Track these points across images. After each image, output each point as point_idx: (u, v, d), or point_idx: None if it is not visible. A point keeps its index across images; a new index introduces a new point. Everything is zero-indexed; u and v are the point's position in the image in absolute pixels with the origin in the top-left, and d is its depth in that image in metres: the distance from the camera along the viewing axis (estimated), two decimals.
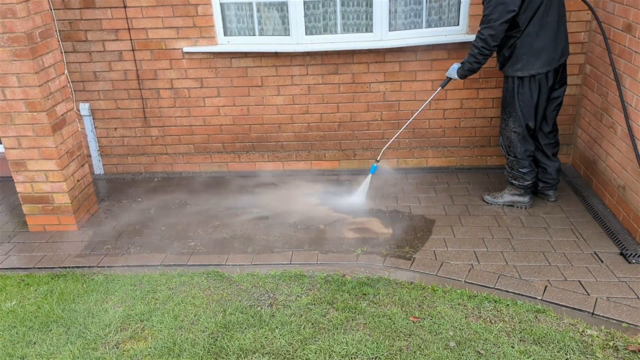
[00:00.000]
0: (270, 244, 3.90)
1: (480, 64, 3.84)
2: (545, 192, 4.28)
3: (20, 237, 4.22)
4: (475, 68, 3.88)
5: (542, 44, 3.71)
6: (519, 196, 4.20)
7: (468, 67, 3.88)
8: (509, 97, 3.95)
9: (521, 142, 4.01)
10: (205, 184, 4.98)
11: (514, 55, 3.79)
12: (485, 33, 3.70)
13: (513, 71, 3.84)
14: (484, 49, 3.75)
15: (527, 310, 3.08)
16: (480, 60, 3.81)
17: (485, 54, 3.78)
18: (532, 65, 3.76)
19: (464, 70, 3.92)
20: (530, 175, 4.10)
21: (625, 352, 2.75)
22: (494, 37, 3.69)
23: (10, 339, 3.08)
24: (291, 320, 3.09)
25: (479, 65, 3.86)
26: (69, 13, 4.69)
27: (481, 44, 3.74)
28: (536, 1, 3.62)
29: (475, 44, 3.78)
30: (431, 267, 3.55)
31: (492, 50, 3.76)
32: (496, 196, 4.30)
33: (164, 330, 3.06)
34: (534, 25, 3.68)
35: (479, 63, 3.84)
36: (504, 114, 4.04)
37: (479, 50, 3.77)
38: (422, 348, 2.83)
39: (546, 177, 4.21)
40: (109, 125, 5.11)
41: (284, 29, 4.71)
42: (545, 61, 3.75)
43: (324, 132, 5.00)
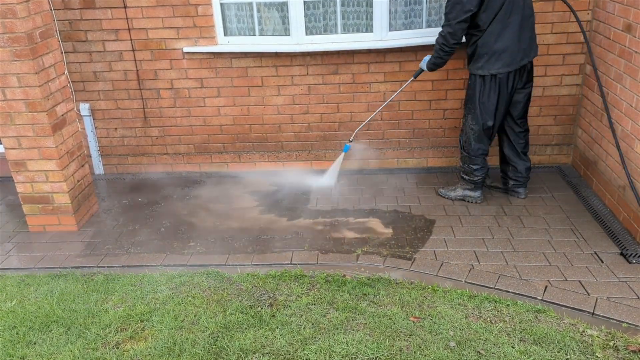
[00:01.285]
0: None
1: (443, 59, 3.96)
2: (516, 190, 4.35)
3: (21, 237, 4.22)
4: (439, 63, 4.00)
5: (504, 44, 3.77)
6: (470, 191, 4.32)
7: (433, 61, 4.02)
8: (470, 94, 4.02)
9: (476, 140, 4.10)
10: (204, 183, 4.98)
11: (475, 54, 3.88)
12: (445, 31, 3.82)
13: (475, 69, 3.92)
14: (444, 46, 3.86)
15: (527, 311, 3.08)
16: (442, 55, 3.93)
17: (446, 50, 3.88)
18: (492, 64, 3.83)
19: (430, 64, 4.06)
20: (480, 172, 4.21)
21: (626, 352, 2.75)
22: (452, 35, 3.78)
23: (10, 339, 3.08)
24: (291, 320, 3.09)
25: (442, 61, 3.97)
26: (69, 13, 4.69)
27: (441, 40, 3.86)
28: (497, 1, 3.68)
29: (437, 40, 3.91)
30: (431, 267, 3.55)
31: (451, 47, 3.85)
32: (449, 190, 4.43)
33: (164, 330, 3.06)
34: (496, 25, 3.74)
35: (441, 58, 3.96)
36: (465, 109, 4.13)
37: (439, 46, 3.89)
38: (423, 348, 2.83)
39: (516, 175, 4.28)
40: (109, 125, 5.11)
41: (284, 29, 4.71)
42: (506, 62, 3.81)
43: (324, 132, 5.00)
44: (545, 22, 4.45)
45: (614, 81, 4.01)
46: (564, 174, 4.74)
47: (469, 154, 4.17)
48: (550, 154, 4.92)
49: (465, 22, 3.74)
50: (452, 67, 4.65)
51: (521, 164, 4.24)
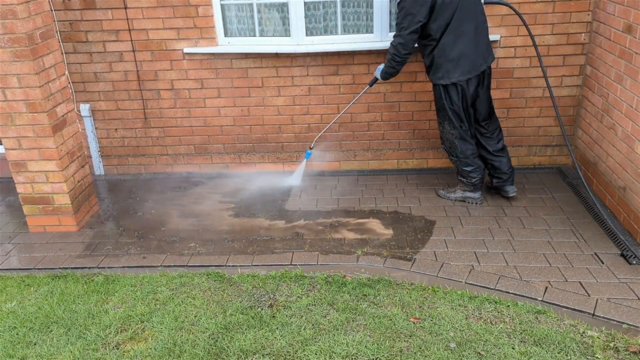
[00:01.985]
0: None
1: (395, 69, 3.98)
2: (503, 188, 4.30)
3: (21, 237, 4.22)
4: (392, 72, 4.02)
5: (460, 52, 3.80)
6: (469, 192, 4.32)
7: (385, 70, 4.04)
8: (439, 102, 4.04)
9: (460, 142, 4.10)
10: (203, 184, 4.99)
11: (434, 64, 3.90)
12: (396, 41, 3.84)
13: (436, 79, 3.95)
14: (396, 56, 3.88)
15: (527, 311, 3.08)
16: (394, 65, 3.95)
17: (398, 60, 3.90)
18: (452, 73, 3.85)
19: (383, 73, 4.07)
20: (476, 173, 4.19)
21: (626, 353, 2.75)
22: (403, 46, 3.81)
23: (10, 339, 3.08)
24: (291, 321, 3.09)
25: (394, 70, 3.99)
26: (69, 14, 4.69)
27: (393, 51, 3.88)
28: (447, 11, 3.71)
29: (389, 49, 3.92)
30: (432, 268, 3.55)
31: (403, 57, 3.88)
32: (449, 191, 4.42)
33: (164, 331, 3.06)
34: (450, 35, 3.77)
35: (393, 68, 3.98)
36: (439, 117, 4.13)
37: (391, 56, 3.90)
38: (423, 349, 2.83)
39: (497, 173, 4.26)
40: (110, 125, 5.12)
41: (285, 29, 4.71)
42: (465, 69, 3.84)
43: (325, 133, 5.00)
44: (545, 22, 4.45)
45: (614, 82, 4.01)
46: (564, 175, 4.74)
47: (458, 157, 4.17)
48: (551, 154, 4.92)
49: (416, 32, 3.76)
50: None
51: (497, 160, 4.21)
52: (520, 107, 4.77)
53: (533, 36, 4.08)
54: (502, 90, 4.71)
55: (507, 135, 4.88)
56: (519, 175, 4.79)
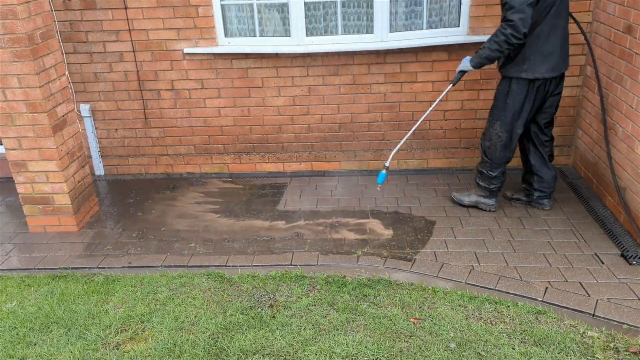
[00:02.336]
0: None
1: (503, 53, 3.53)
2: (540, 202, 4.15)
3: (21, 238, 4.22)
4: (494, 57, 3.57)
5: (552, 47, 3.54)
6: (484, 197, 4.15)
7: (487, 54, 3.56)
8: (501, 99, 3.80)
9: (502, 148, 3.90)
10: (202, 183, 4.99)
11: (520, 55, 3.58)
12: (515, 18, 3.34)
13: (516, 71, 3.63)
14: (512, 37, 3.40)
15: (527, 312, 3.08)
16: (504, 49, 3.48)
17: (512, 43, 3.43)
18: (538, 68, 3.57)
19: (482, 58, 3.61)
20: (498, 180, 4.04)
21: (626, 353, 2.75)
22: (523, 22, 3.34)
23: (10, 339, 3.08)
24: (291, 321, 3.09)
25: (499, 55, 3.54)
26: (69, 14, 4.70)
27: (510, 30, 3.38)
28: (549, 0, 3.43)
29: (501, 30, 3.43)
30: (432, 268, 3.55)
31: (521, 38, 3.40)
32: (463, 195, 4.26)
33: (164, 331, 3.06)
34: (546, 26, 3.48)
35: (500, 52, 3.51)
36: (492, 116, 3.91)
37: (506, 37, 3.42)
38: (423, 349, 2.83)
39: (542, 185, 4.07)
40: (110, 126, 5.12)
41: (285, 30, 4.71)
42: (551, 66, 3.59)
43: (325, 133, 5.00)
44: None
45: (614, 82, 4.01)
46: (565, 175, 4.74)
47: (491, 160, 3.95)
48: None
49: (532, 6, 3.33)
50: (452, 68, 4.66)
51: (547, 173, 4.02)
52: None
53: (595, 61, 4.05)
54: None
55: None
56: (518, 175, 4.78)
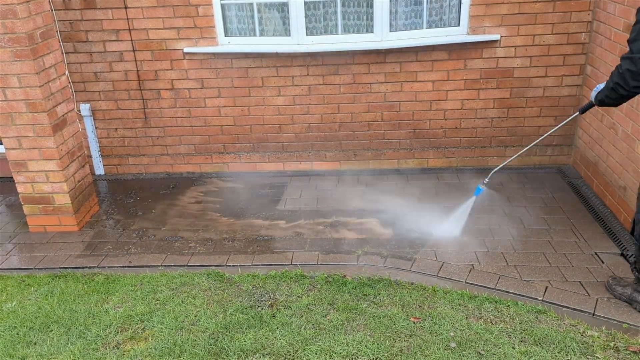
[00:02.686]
0: None
1: (615, 102, 2.91)
2: None
3: (21, 237, 4.22)
4: (609, 103, 2.95)
5: None
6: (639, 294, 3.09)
7: (602, 97, 2.97)
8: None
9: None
10: (202, 183, 4.99)
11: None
12: (624, 66, 2.72)
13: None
14: (620, 87, 2.78)
15: (527, 311, 3.08)
16: (615, 98, 2.87)
17: (621, 94, 2.80)
18: None
19: (597, 100, 3.02)
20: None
21: (626, 352, 2.75)
22: (634, 75, 2.68)
23: (10, 339, 3.08)
24: (292, 320, 3.09)
25: (613, 103, 2.92)
26: (69, 14, 4.69)
27: (617, 79, 2.78)
28: None
29: (612, 76, 2.83)
30: (432, 267, 3.55)
31: (631, 92, 2.76)
32: (620, 284, 3.22)
33: (164, 331, 3.06)
34: None
35: (613, 100, 2.90)
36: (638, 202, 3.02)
37: (613, 86, 2.82)
38: (423, 349, 2.83)
39: None
40: (110, 125, 5.12)
41: (285, 29, 4.71)
42: None
43: (325, 133, 5.00)
44: (545, 22, 4.45)
45: None
46: (565, 175, 4.74)
47: (638, 242, 3.01)
48: (551, 154, 4.92)
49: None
50: (452, 67, 4.66)
51: None
52: (521, 106, 4.76)
53: None
54: (502, 90, 4.71)
55: (508, 135, 4.89)
56: (519, 175, 4.79)
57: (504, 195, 4.43)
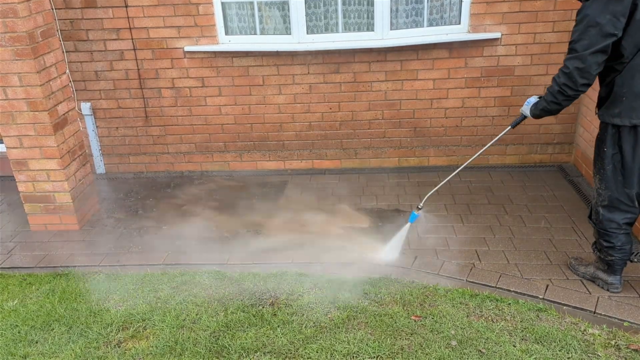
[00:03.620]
0: None
1: (561, 105, 2.91)
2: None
3: (22, 236, 4.23)
4: (552, 109, 2.96)
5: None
6: (603, 272, 3.22)
7: (543, 106, 2.99)
8: (600, 149, 2.99)
9: (606, 210, 3.04)
10: (203, 182, 4.99)
11: (611, 96, 2.83)
12: (571, 66, 2.73)
13: (608, 116, 2.87)
14: (567, 88, 2.78)
15: (528, 309, 3.08)
16: (560, 101, 2.87)
17: (568, 95, 2.81)
18: (636, 112, 2.76)
19: (537, 110, 3.05)
20: (616, 253, 3.08)
21: (627, 350, 2.75)
22: (582, 72, 2.71)
23: (12, 337, 3.08)
24: (293, 319, 3.09)
25: (559, 107, 2.93)
26: (70, 12, 4.69)
27: (564, 79, 2.78)
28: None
29: (556, 78, 2.84)
30: (433, 266, 3.55)
31: (578, 90, 2.78)
32: (582, 264, 3.39)
33: (165, 329, 3.07)
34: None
35: (559, 104, 2.90)
36: (594, 167, 3.09)
37: (559, 88, 2.82)
38: (424, 347, 2.83)
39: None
40: (111, 124, 5.12)
41: (285, 28, 4.71)
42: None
43: (326, 131, 5.00)
44: (546, 20, 4.44)
45: None
46: (566, 173, 4.74)
47: (596, 225, 3.14)
48: (552, 152, 4.91)
49: (604, 52, 2.65)
50: (453, 66, 4.66)
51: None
52: (521, 105, 4.74)
53: None
54: (503, 88, 4.71)
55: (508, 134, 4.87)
56: (519, 173, 4.79)
57: (505, 194, 4.43)
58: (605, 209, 3.05)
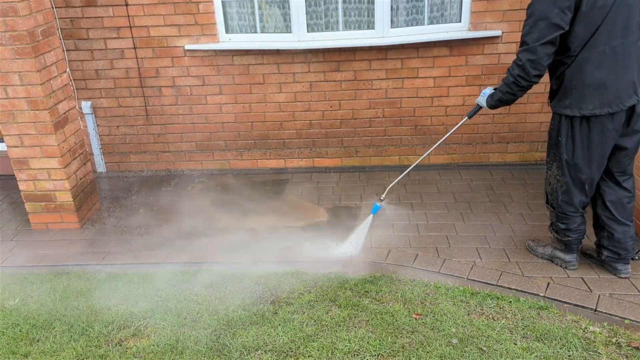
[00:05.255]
0: None
1: (516, 96, 3.05)
2: (613, 265, 3.31)
3: (23, 235, 4.23)
4: (507, 99, 3.10)
5: (602, 76, 2.83)
6: (560, 252, 3.41)
7: (499, 96, 3.12)
8: (554, 138, 3.11)
9: (564, 194, 3.19)
10: (203, 180, 4.99)
11: (562, 88, 2.95)
12: (523, 58, 2.87)
13: (560, 108, 2.99)
14: (521, 79, 2.93)
15: (529, 307, 3.08)
16: (515, 91, 3.01)
17: (522, 85, 2.96)
18: (585, 103, 2.88)
19: (494, 100, 3.17)
20: (572, 234, 3.28)
21: (628, 348, 2.75)
22: (533, 64, 2.85)
23: (13, 336, 3.08)
24: (294, 317, 3.09)
25: (513, 98, 3.07)
26: (70, 11, 4.69)
27: (517, 71, 2.92)
28: (595, 18, 2.74)
29: (510, 70, 2.98)
30: (433, 264, 3.55)
31: (531, 81, 2.92)
32: (539, 244, 3.59)
33: (166, 328, 3.07)
34: (592, 51, 2.81)
35: (513, 95, 3.05)
36: (548, 155, 3.22)
37: (514, 79, 2.96)
38: (425, 345, 2.83)
39: (613, 244, 3.26)
40: (111, 123, 5.12)
41: (286, 26, 4.70)
42: (604, 100, 2.86)
43: (326, 130, 5.00)
44: None
45: None
46: None
47: (554, 209, 3.30)
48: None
49: (553, 44, 2.80)
50: (454, 64, 4.65)
51: (619, 230, 3.21)
52: (522, 102, 4.75)
53: None
54: None
55: (509, 132, 4.88)
56: (520, 171, 4.79)
57: (506, 192, 4.43)
58: (564, 194, 3.21)
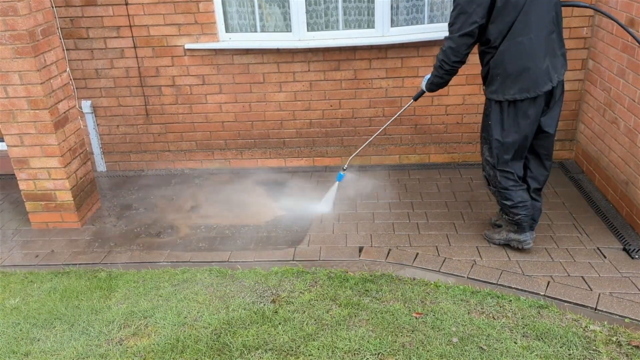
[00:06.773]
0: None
1: (443, 79, 3.38)
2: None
3: (23, 234, 4.23)
4: (439, 82, 3.42)
5: (522, 64, 3.12)
6: (514, 233, 3.60)
7: (432, 80, 3.46)
8: (485, 121, 3.39)
9: (500, 172, 3.43)
10: (204, 179, 4.99)
11: (489, 75, 3.26)
12: (446, 45, 3.25)
13: (489, 93, 3.30)
14: (445, 63, 3.28)
15: (529, 306, 3.08)
16: (442, 75, 3.35)
17: (446, 69, 3.30)
18: (508, 89, 3.18)
19: (429, 84, 3.51)
20: (520, 210, 3.45)
21: (628, 347, 2.75)
22: (454, 51, 3.20)
23: (14, 335, 3.09)
24: (294, 316, 3.09)
25: (441, 80, 3.39)
26: (70, 10, 4.69)
27: (441, 56, 3.29)
28: (510, 13, 3.04)
29: (438, 55, 3.34)
30: (434, 263, 3.55)
31: (452, 66, 3.26)
32: (494, 232, 3.75)
33: (167, 327, 3.07)
34: (510, 42, 3.10)
35: (441, 78, 3.38)
36: (481, 138, 3.49)
37: (439, 64, 3.32)
38: (425, 344, 2.84)
39: None
40: (111, 122, 5.12)
41: (286, 25, 4.70)
42: (524, 86, 3.15)
43: (326, 129, 5.00)
44: None
45: (617, 76, 4.00)
46: (567, 170, 4.74)
47: (497, 188, 3.48)
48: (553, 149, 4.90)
49: (471, 36, 3.13)
50: None
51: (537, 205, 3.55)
52: None
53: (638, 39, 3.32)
54: None
55: None
56: None
57: None
58: (500, 172, 3.42)
